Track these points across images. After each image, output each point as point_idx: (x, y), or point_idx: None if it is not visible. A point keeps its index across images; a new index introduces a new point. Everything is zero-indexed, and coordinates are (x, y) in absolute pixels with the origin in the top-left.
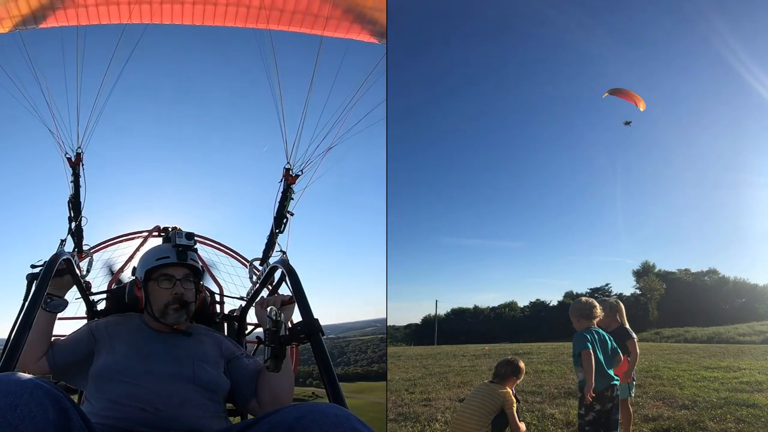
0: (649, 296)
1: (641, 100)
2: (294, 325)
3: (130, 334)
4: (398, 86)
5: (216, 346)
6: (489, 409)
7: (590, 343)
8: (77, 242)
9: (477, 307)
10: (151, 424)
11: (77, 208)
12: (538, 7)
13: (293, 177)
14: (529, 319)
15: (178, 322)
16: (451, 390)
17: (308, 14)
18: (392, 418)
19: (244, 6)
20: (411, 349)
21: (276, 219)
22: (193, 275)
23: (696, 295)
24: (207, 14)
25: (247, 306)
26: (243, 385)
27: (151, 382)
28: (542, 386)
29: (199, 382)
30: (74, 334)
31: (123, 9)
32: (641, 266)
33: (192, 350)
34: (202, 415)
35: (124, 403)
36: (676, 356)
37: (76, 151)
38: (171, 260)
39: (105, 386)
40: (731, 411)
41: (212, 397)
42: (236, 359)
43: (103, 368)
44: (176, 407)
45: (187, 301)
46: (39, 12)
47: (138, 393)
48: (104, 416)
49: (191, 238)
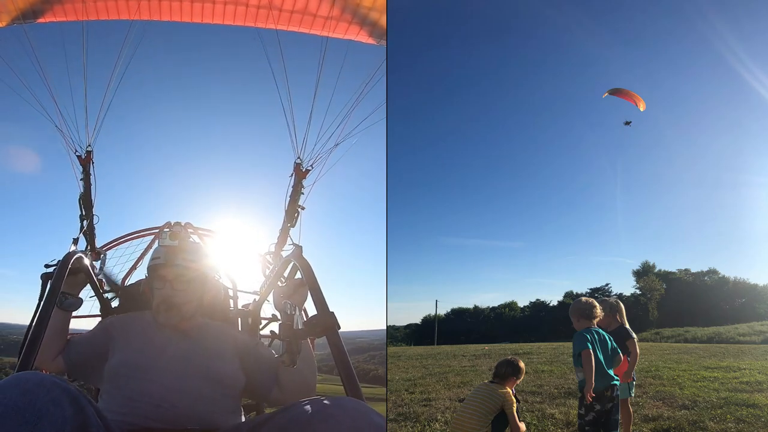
0: (649, 296)
1: (641, 100)
2: (309, 319)
3: (143, 331)
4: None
5: (229, 341)
6: (489, 409)
7: (590, 343)
8: (90, 240)
9: (477, 307)
10: (166, 421)
11: (88, 207)
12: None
13: (304, 171)
14: (529, 319)
15: (169, 323)
16: (451, 390)
17: (307, 14)
18: (392, 418)
19: (243, 5)
20: (411, 349)
21: (287, 213)
22: (192, 275)
23: (696, 295)
24: (206, 12)
25: (261, 300)
26: (262, 376)
27: (166, 378)
28: (542, 386)
29: (213, 377)
30: (89, 332)
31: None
32: (641, 266)
33: (205, 346)
34: (216, 411)
35: (139, 400)
36: (676, 356)
37: (85, 149)
38: (161, 261)
39: (120, 383)
40: (731, 411)
41: (227, 392)
42: (252, 351)
43: (118, 365)
44: (191, 403)
45: (174, 303)
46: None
47: (153, 389)
48: (120, 413)
49: (176, 238)
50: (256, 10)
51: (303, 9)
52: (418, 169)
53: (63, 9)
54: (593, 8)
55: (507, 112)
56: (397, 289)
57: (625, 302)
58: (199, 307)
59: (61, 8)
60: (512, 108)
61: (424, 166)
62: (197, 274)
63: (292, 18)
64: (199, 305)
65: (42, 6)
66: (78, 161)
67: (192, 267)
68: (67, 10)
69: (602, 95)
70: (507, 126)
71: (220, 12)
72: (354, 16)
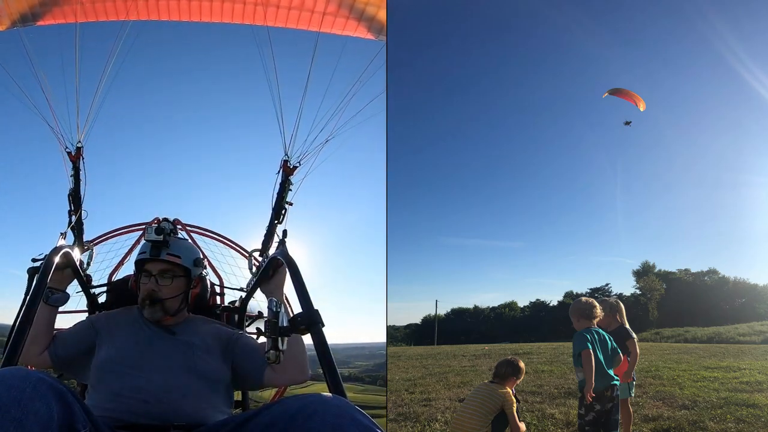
0: (649, 296)
1: (641, 100)
2: (294, 316)
3: (129, 326)
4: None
5: (214, 335)
6: (489, 409)
7: (590, 343)
8: (78, 235)
9: (477, 307)
10: (153, 416)
11: (77, 202)
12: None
13: (291, 168)
14: (529, 319)
15: (153, 318)
16: (451, 390)
17: (304, 10)
18: (392, 418)
19: (240, 2)
20: (411, 349)
21: (275, 210)
22: (178, 269)
23: (696, 295)
24: (204, 11)
25: (247, 297)
26: (252, 362)
27: (154, 373)
28: (542, 386)
29: (200, 372)
30: (75, 327)
31: (119, 6)
32: (641, 266)
33: (191, 341)
34: (204, 406)
35: (126, 395)
36: (676, 356)
37: (75, 145)
38: (146, 255)
39: (107, 379)
40: (731, 411)
41: (214, 387)
42: (236, 340)
43: (105, 361)
44: (178, 399)
45: (158, 297)
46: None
47: (140, 385)
48: (107, 408)
49: (161, 233)
50: (254, 8)
51: (300, 5)
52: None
53: (61, 11)
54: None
55: (507, 112)
56: (397, 289)
57: (625, 302)
58: (185, 302)
59: (59, 11)
60: (512, 108)
61: (424, 166)
62: (182, 269)
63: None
64: (184, 301)
65: (40, 9)
66: (68, 157)
67: (176, 262)
68: (64, 13)
69: (602, 95)
70: (507, 126)
71: (218, 9)
72: (351, 11)
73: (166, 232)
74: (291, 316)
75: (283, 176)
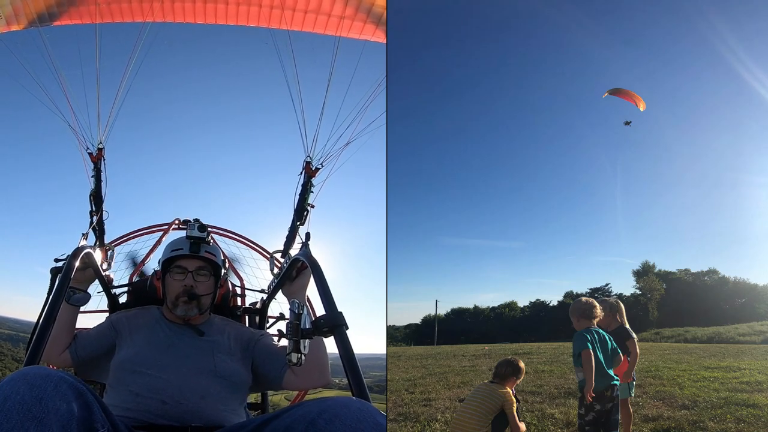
0: (649, 296)
1: (641, 100)
2: (317, 318)
3: (150, 326)
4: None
5: (235, 337)
6: (489, 409)
7: (590, 343)
8: (99, 236)
9: (477, 307)
10: (171, 417)
11: (98, 203)
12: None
13: (314, 170)
14: (529, 319)
15: (187, 315)
16: (451, 390)
17: (321, 13)
18: (392, 418)
19: (256, 5)
20: (411, 349)
21: (297, 211)
22: (211, 268)
23: (696, 295)
24: (219, 13)
25: (269, 299)
26: (271, 361)
27: (173, 374)
28: (542, 386)
29: (220, 374)
30: (96, 327)
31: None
32: (641, 266)
33: (212, 342)
34: (223, 409)
35: (145, 396)
36: (676, 356)
37: (96, 146)
38: (183, 252)
39: (126, 378)
40: (731, 411)
41: (234, 389)
42: (257, 341)
43: (125, 361)
44: (197, 400)
45: (196, 293)
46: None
47: (159, 385)
48: (125, 408)
49: (204, 230)
50: (270, 11)
51: (316, 9)
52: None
53: (78, 12)
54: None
55: (507, 112)
56: (397, 289)
57: (625, 302)
58: (213, 301)
59: (76, 11)
60: (512, 108)
61: (424, 166)
62: (215, 268)
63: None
64: (213, 300)
65: (57, 9)
66: (89, 158)
67: (214, 260)
68: (81, 13)
69: (602, 95)
70: (507, 126)
71: (234, 13)
72: (369, 15)
73: (206, 230)
74: (314, 319)
75: (305, 177)
